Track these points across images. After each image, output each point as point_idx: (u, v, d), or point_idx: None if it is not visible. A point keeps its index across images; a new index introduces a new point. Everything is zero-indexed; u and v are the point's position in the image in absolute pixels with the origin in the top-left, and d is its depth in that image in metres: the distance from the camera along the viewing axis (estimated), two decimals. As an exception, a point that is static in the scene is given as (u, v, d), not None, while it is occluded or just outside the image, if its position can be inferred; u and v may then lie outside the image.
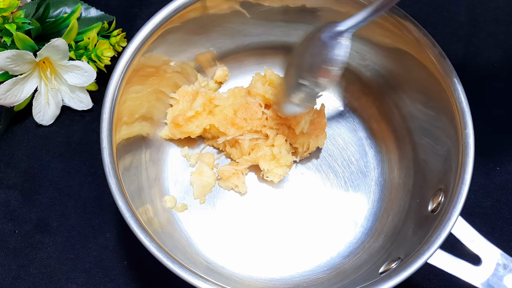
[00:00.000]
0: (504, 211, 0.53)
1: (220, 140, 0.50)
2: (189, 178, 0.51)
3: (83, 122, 0.55)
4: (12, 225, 0.51)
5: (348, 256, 0.48)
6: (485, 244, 0.40)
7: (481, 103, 0.56)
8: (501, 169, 0.54)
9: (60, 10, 0.55)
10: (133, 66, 0.44)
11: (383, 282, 0.37)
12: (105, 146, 0.41)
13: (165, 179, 0.51)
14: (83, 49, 0.53)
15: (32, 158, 0.54)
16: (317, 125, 0.50)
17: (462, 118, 0.40)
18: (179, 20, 0.45)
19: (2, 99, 0.50)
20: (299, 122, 0.48)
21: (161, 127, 0.52)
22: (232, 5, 0.47)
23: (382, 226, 0.49)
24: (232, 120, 0.49)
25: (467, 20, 0.61)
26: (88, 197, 0.53)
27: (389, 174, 0.51)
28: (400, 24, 0.44)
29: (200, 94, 0.50)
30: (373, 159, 0.53)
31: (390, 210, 0.49)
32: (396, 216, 0.48)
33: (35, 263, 0.50)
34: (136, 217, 0.39)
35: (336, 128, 0.54)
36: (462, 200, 0.38)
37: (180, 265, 0.37)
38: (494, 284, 0.39)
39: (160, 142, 0.52)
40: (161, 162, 0.51)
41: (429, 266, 0.38)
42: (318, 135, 0.50)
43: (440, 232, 0.38)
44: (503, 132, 0.56)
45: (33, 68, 0.51)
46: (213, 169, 0.51)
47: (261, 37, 0.53)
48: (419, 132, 0.49)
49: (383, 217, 0.50)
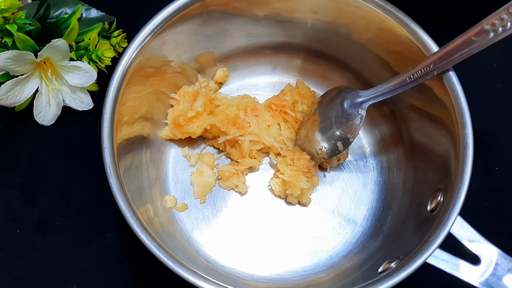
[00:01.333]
0: (503, 211, 0.53)
1: (220, 139, 0.50)
2: (190, 178, 0.51)
3: (84, 122, 0.55)
4: (13, 225, 0.52)
5: (348, 255, 0.49)
6: (484, 244, 0.40)
7: (480, 103, 0.56)
8: (500, 169, 0.54)
9: (60, 10, 0.55)
10: (134, 66, 0.44)
11: (382, 282, 0.37)
12: (106, 146, 0.41)
13: (166, 179, 0.51)
14: (83, 49, 0.53)
15: (33, 158, 0.54)
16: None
17: (461, 118, 0.40)
18: (179, 21, 0.45)
19: (3, 100, 0.50)
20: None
21: (161, 127, 0.52)
22: (232, 5, 0.48)
23: (381, 226, 0.49)
24: (234, 120, 0.49)
25: (467, 20, 0.61)
26: (88, 197, 0.53)
27: (388, 174, 0.52)
28: (401, 22, 0.44)
29: (200, 95, 0.50)
30: (372, 159, 0.53)
31: (389, 210, 0.50)
32: (395, 216, 0.48)
33: (36, 263, 0.50)
34: (137, 217, 0.39)
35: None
36: (461, 200, 0.38)
37: (180, 264, 0.37)
38: (493, 283, 0.39)
39: (160, 142, 0.52)
40: (161, 162, 0.52)
41: (428, 266, 0.38)
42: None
43: (439, 232, 0.38)
44: (503, 132, 0.56)
45: (34, 69, 0.51)
46: (214, 169, 0.51)
47: (262, 38, 0.53)
48: (419, 132, 0.49)
49: (383, 217, 0.50)
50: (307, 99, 0.52)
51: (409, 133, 0.50)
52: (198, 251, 0.49)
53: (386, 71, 0.49)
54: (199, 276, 0.37)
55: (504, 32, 0.36)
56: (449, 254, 0.40)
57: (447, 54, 0.39)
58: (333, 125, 0.47)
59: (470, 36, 0.38)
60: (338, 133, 0.46)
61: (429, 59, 0.40)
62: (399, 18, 0.43)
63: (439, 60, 0.40)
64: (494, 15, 0.36)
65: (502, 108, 0.57)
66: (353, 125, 0.46)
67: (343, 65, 0.53)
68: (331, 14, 0.48)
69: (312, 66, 0.55)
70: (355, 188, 0.52)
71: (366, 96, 0.45)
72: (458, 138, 0.40)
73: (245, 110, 0.50)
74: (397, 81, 0.42)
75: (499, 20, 0.36)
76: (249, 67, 0.55)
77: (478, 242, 0.40)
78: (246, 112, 0.50)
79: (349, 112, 0.46)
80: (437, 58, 0.40)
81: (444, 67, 0.40)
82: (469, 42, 0.38)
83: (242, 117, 0.50)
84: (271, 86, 0.55)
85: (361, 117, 0.45)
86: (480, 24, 0.37)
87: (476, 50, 0.38)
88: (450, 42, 0.39)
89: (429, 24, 0.43)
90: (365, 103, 0.45)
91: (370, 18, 0.45)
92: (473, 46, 0.38)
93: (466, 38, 0.38)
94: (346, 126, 0.46)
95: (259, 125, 0.50)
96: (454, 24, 0.54)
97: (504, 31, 0.36)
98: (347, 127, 0.46)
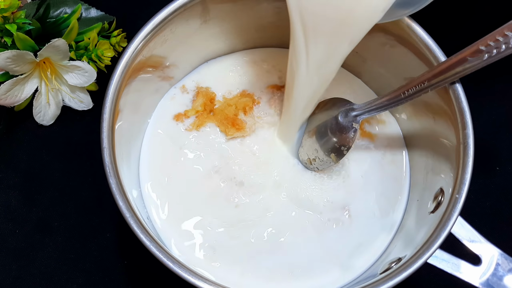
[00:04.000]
0: (504, 211, 0.53)
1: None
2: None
3: (84, 122, 0.55)
4: (12, 225, 0.52)
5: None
6: (485, 244, 0.40)
7: (481, 103, 0.56)
8: (501, 169, 0.54)
9: (60, 10, 0.55)
10: (134, 66, 0.44)
11: (383, 282, 0.37)
12: (105, 146, 0.41)
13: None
14: (83, 49, 0.53)
15: (33, 158, 0.54)
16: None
17: (462, 118, 0.40)
18: (179, 21, 0.45)
19: (2, 99, 0.50)
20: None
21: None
22: (232, 5, 0.47)
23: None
24: (233, 120, 0.49)
25: (467, 20, 0.61)
26: (88, 197, 0.53)
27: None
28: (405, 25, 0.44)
29: (201, 94, 0.50)
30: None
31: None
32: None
33: (36, 263, 0.50)
34: (136, 217, 0.39)
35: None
36: (462, 200, 0.38)
37: (180, 265, 0.37)
38: (494, 284, 0.39)
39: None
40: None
41: (429, 266, 0.38)
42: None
43: (440, 232, 0.38)
44: (503, 132, 0.56)
45: (33, 69, 0.51)
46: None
47: (262, 38, 0.53)
48: (419, 132, 0.49)
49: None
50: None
51: (409, 133, 0.50)
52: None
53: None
54: (199, 276, 0.37)
55: (498, 54, 0.36)
56: (449, 255, 0.40)
57: (441, 72, 0.39)
58: (327, 136, 0.47)
59: (465, 55, 0.37)
60: (332, 145, 0.46)
61: (424, 76, 0.40)
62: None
63: (433, 78, 0.40)
64: (490, 36, 0.36)
65: (503, 107, 0.57)
66: (347, 137, 0.46)
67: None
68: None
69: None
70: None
71: (360, 110, 0.45)
72: (459, 138, 0.40)
73: (243, 110, 0.50)
74: (391, 96, 0.43)
75: (495, 42, 0.36)
76: (249, 67, 0.55)
77: (478, 242, 0.40)
78: (245, 111, 0.50)
79: (344, 124, 0.46)
80: (432, 76, 0.40)
81: (439, 85, 0.40)
82: (464, 62, 0.38)
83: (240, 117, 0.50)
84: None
85: (354, 130, 0.45)
86: (476, 45, 0.37)
87: (470, 71, 0.38)
88: (445, 61, 0.39)
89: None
90: (359, 117, 0.46)
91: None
92: (467, 66, 0.37)
93: (461, 58, 0.38)
94: (340, 138, 0.46)
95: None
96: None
97: (498, 53, 0.36)
98: (341, 139, 0.46)
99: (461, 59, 0.37)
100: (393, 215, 0.48)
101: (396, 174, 0.50)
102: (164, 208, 0.48)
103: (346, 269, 0.46)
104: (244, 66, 0.54)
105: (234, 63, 0.54)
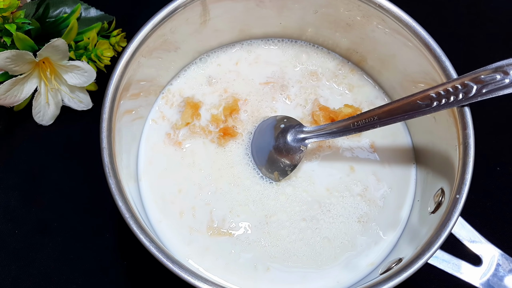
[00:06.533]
0: (505, 211, 0.53)
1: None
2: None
3: (83, 122, 0.55)
4: (12, 225, 0.51)
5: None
6: (485, 245, 0.40)
7: (481, 104, 0.56)
8: (501, 169, 0.54)
9: (60, 10, 0.55)
10: (133, 66, 0.44)
11: (383, 283, 0.37)
12: (105, 146, 0.41)
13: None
14: (83, 49, 0.53)
15: (32, 159, 0.54)
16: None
17: (462, 119, 0.40)
18: (179, 20, 0.45)
19: (1, 99, 0.50)
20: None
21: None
22: (232, 4, 0.47)
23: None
24: (225, 130, 0.49)
25: (467, 20, 0.61)
26: (88, 198, 0.52)
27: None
28: (404, 24, 0.44)
29: (188, 104, 0.50)
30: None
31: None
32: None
33: (35, 263, 0.50)
34: (136, 217, 0.39)
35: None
36: (462, 200, 0.38)
37: (179, 265, 0.37)
38: (495, 284, 0.39)
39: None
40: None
41: (429, 266, 0.38)
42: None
43: (441, 232, 0.38)
44: (503, 132, 0.56)
45: (33, 68, 0.51)
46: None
47: (262, 37, 0.53)
48: (420, 132, 0.49)
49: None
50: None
51: (410, 133, 0.50)
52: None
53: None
54: (198, 277, 0.37)
55: (447, 105, 0.38)
56: (450, 255, 0.40)
57: (391, 110, 0.40)
58: (273, 154, 0.47)
59: (416, 99, 0.39)
60: (277, 164, 0.47)
61: (374, 112, 0.41)
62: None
63: (383, 115, 0.40)
64: (440, 86, 0.38)
65: (503, 107, 0.56)
66: (292, 159, 0.46)
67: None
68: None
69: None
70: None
71: (309, 134, 0.46)
72: (459, 138, 0.40)
73: (230, 113, 0.50)
74: (340, 125, 0.43)
75: (445, 91, 0.37)
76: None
77: (479, 242, 0.40)
78: (231, 115, 0.50)
79: (291, 145, 0.46)
80: (382, 112, 0.41)
81: (387, 123, 0.41)
82: (413, 104, 0.39)
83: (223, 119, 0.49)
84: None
85: (301, 153, 0.46)
86: (427, 91, 0.38)
87: (418, 115, 0.39)
88: (396, 100, 0.40)
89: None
90: (307, 140, 0.46)
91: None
92: (416, 109, 0.39)
93: (412, 100, 0.39)
94: (287, 158, 0.46)
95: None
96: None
97: (447, 103, 0.38)
98: (287, 159, 0.46)
99: (411, 102, 0.39)
100: (400, 214, 0.48)
101: (401, 174, 0.50)
102: (163, 208, 0.48)
103: (350, 270, 0.46)
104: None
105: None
